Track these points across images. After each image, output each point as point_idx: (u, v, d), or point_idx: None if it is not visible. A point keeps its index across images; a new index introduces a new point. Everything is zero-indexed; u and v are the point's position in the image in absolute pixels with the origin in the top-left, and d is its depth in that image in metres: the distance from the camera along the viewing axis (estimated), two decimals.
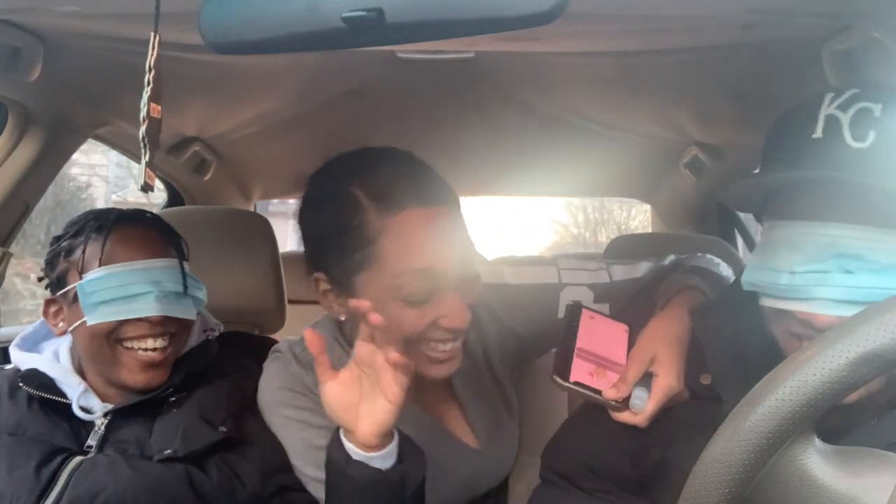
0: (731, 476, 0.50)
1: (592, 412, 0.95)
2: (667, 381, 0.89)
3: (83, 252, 1.02)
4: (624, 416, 0.91)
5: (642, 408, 0.90)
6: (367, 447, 0.86)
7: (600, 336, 0.98)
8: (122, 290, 0.99)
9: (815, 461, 0.50)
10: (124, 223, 1.05)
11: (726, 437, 0.51)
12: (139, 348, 1.01)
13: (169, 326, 1.03)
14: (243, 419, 1.04)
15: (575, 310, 1.01)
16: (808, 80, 1.21)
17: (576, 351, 0.95)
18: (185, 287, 1.04)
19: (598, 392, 0.91)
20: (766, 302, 0.79)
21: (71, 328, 1.03)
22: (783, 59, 1.21)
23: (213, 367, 1.09)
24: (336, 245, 0.96)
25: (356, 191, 0.95)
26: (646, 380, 0.91)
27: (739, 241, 2.30)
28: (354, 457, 0.86)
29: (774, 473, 0.50)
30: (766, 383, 0.50)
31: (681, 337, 0.94)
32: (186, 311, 1.04)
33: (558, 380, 0.91)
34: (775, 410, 0.49)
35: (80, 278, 1.01)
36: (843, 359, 0.48)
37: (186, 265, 1.08)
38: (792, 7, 1.00)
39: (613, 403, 0.90)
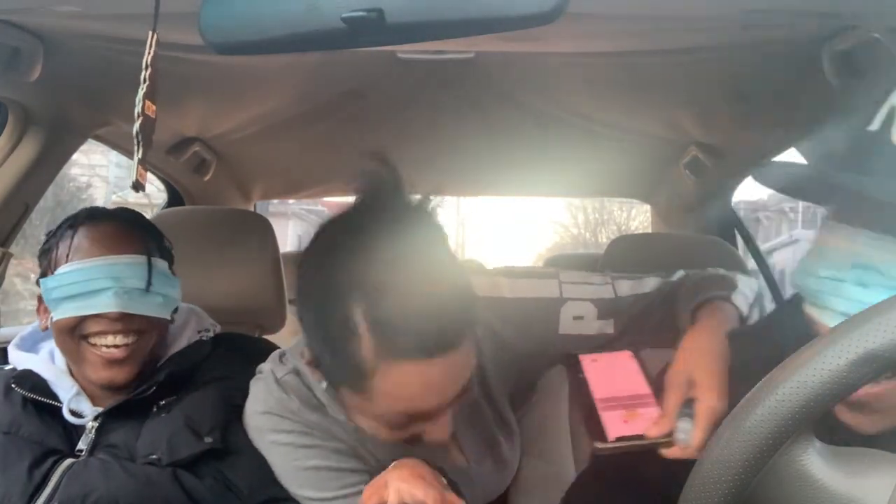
0: (730, 476, 0.50)
1: (606, 463, 0.87)
2: (708, 403, 0.80)
3: (56, 250, 1.02)
4: (674, 453, 0.81)
5: (688, 441, 0.80)
6: None
7: (611, 376, 0.91)
8: (82, 286, 0.99)
9: (815, 462, 0.50)
10: (93, 220, 1.04)
11: (726, 437, 0.51)
12: (101, 345, 1.00)
13: (131, 323, 1.01)
14: (231, 429, 1.02)
15: (572, 362, 0.93)
16: (808, 80, 1.21)
17: (598, 405, 0.87)
18: (150, 284, 1.02)
19: (642, 437, 0.82)
20: (805, 306, 0.72)
21: (47, 324, 1.03)
22: (783, 59, 1.21)
23: (204, 370, 1.08)
24: (330, 353, 0.87)
25: (359, 318, 0.81)
26: (688, 407, 0.82)
27: (739, 241, 2.31)
28: None
29: (774, 474, 0.50)
30: (766, 384, 0.50)
31: (718, 352, 0.86)
32: (150, 308, 1.02)
33: (600, 445, 0.83)
34: (775, 411, 0.49)
35: (47, 276, 1.02)
36: (842, 359, 0.48)
37: (163, 263, 1.06)
38: (792, 7, 1.00)
39: (661, 441, 0.82)
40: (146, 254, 1.04)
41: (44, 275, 1.04)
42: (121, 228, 1.05)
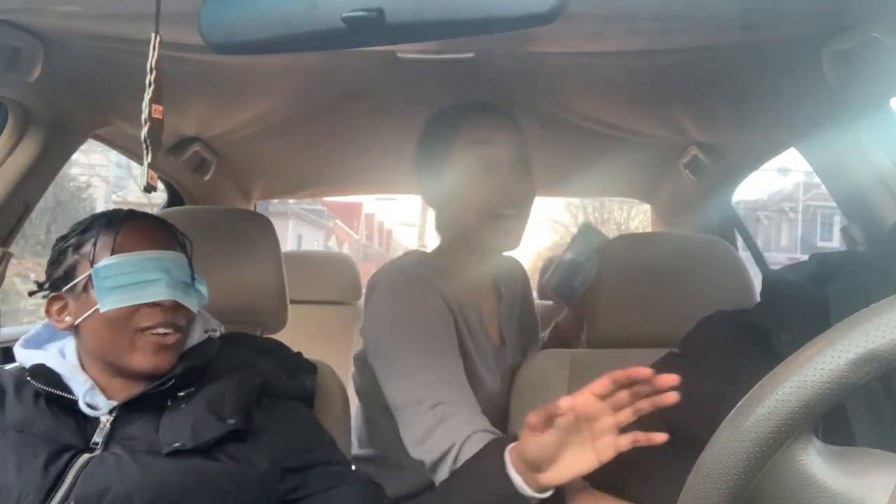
0: (730, 476, 0.50)
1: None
2: None
3: (94, 244, 1.04)
4: None
5: None
6: (539, 488, 0.86)
7: None
8: (134, 277, 1.02)
9: (815, 461, 0.50)
10: (134, 219, 1.09)
11: (726, 437, 0.51)
12: (153, 333, 1.03)
13: (179, 315, 1.05)
14: (252, 412, 1.06)
15: None
16: (808, 80, 1.21)
17: None
18: (193, 279, 1.08)
19: None
20: None
21: (80, 319, 1.04)
22: (783, 59, 1.21)
23: (218, 364, 1.10)
24: (437, 145, 1.35)
25: (453, 126, 1.35)
26: None
27: (739, 240, 2.31)
28: (518, 488, 0.86)
29: (774, 474, 0.50)
30: (766, 384, 0.50)
31: None
32: (193, 302, 1.07)
33: None
34: (775, 411, 0.49)
35: (92, 268, 1.03)
36: (842, 359, 0.48)
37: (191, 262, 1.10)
38: (792, 7, 1.00)
39: None
40: (185, 251, 1.10)
41: (69, 272, 1.05)
42: (160, 227, 1.10)
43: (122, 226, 1.06)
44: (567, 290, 1.54)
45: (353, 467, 1.10)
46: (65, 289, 1.05)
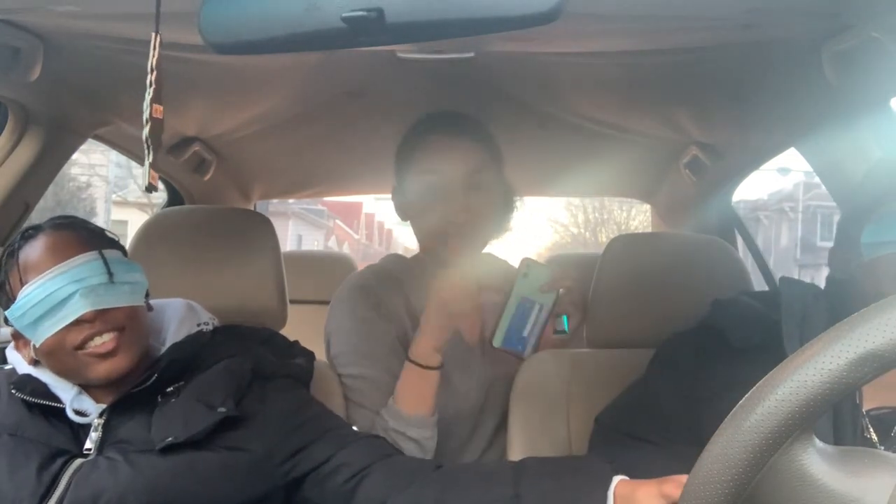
0: (730, 476, 0.50)
1: (650, 373, 1.15)
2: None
3: (9, 283, 1.01)
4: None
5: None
6: None
7: None
8: (48, 301, 0.97)
9: (815, 461, 0.50)
10: (30, 238, 1.03)
11: (726, 437, 0.51)
12: (91, 346, 1.00)
13: (109, 322, 1.00)
14: (243, 397, 1.04)
15: None
16: (808, 80, 1.21)
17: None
18: (111, 274, 1.01)
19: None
20: None
21: (32, 355, 1.03)
22: (783, 59, 1.21)
23: (207, 355, 1.09)
24: (398, 166, 1.43)
25: (410, 150, 1.41)
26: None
27: (739, 240, 2.31)
28: None
29: (774, 474, 0.50)
30: (766, 384, 0.50)
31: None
32: (120, 299, 1.01)
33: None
34: (775, 411, 0.49)
35: (4, 312, 1.01)
36: (842, 359, 0.48)
37: (116, 252, 1.05)
38: (792, 7, 1.00)
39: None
40: (95, 248, 1.02)
41: (6, 309, 1.02)
42: (61, 235, 1.03)
43: (20, 251, 1.01)
44: (515, 341, 1.28)
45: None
46: (9, 325, 1.04)
